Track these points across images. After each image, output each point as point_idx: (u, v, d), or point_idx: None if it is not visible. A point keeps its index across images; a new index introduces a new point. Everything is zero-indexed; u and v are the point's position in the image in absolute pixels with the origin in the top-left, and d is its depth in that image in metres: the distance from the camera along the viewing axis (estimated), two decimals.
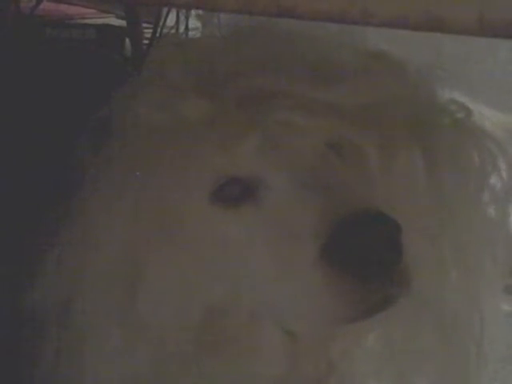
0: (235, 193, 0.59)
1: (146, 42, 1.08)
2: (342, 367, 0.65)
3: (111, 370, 0.61)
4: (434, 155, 0.63)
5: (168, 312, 0.60)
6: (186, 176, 0.59)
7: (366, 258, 0.51)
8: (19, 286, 0.63)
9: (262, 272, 0.58)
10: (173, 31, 1.02)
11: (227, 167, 0.59)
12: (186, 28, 1.09)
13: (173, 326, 0.60)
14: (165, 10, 1.05)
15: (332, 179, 0.57)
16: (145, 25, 1.11)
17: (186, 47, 0.67)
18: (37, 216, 0.62)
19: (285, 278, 0.56)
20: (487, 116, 0.70)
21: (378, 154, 0.60)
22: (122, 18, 1.13)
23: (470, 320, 0.64)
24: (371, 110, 0.59)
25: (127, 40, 1.03)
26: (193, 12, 0.93)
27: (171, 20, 1.10)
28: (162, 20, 1.06)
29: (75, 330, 0.61)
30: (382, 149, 0.60)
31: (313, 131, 0.58)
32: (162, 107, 0.60)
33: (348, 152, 0.60)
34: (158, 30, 1.07)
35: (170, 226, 0.60)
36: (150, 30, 1.10)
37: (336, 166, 0.59)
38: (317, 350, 0.63)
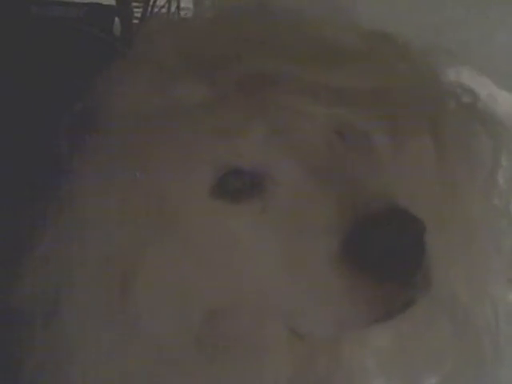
0: (238, 186, 0.55)
1: (136, 21, 1.05)
2: (351, 365, 0.62)
3: (100, 372, 0.57)
4: (444, 142, 0.59)
5: (164, 314, 0.55)
6: (183, 168, 0.55)
7: (390, 258, 0.47)
8: (5, 283, 0.59)
9: (270, 272, 0.53)
10: (164, 10, 0.99)
11: (229, 158, 0.54)
12: (178, 7, 1.06)
13: (170, 328, 0.56)
14: None
15: (347, 170, 0.53)
16: (135, 4, 1.08)
17: (178, 26, 0.63)
18: (22, 211, 0.58)
19: (297, 279, 0.52)
20: (496, 98, 0.67)
21: (387, 142, 0.56)
22: None
23: (482, 314, 0.61)
24: (379, 95, 0.56)
25: (117, 19, 0.99)
26: None
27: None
28: None
29: (62, 331, 0.57)
30: (391, 136, 0.57)
31: (320, 117, 0.55)
32: (152, 91, 0.56)
33: (356, 140, 0.57)
34: (149, 9, 1.04)
35: (166, 223, 0.55)
36: (141, 10, 1.07)
37: (348, 155, 0.55)
38: (325, 350, 0.60)
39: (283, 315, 0.55)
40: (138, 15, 1.06)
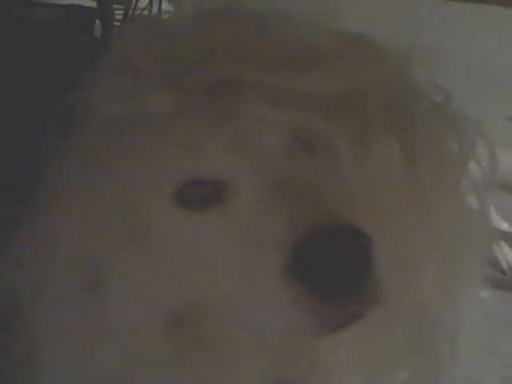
0: (200, 195, 0.56)
1: (117, 23, 1.05)
2: (325, 365, 0.62)
3: (71, 370, 0.58)
4: (412, 145, 0.60)
5: (131, 314, 0.57)
6: (148, 176, 0.56)
7: (333, 274, 0.48)
8: None
9: (228, 279, 0.55)
10: (145, 13, 0.99)
11: (190, 168, 0.55)
12: (159, 10, 1.06)
13: (136, 327, 0.57)
14: None
15: (302, 183, 0.53)
16: (116, 6, 1.08)
17: (153, 29, 0.64)
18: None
19: (250, 288, 0.53)
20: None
21: (350, 148, 0.57)
22: None
23: (443, 316, 0.62)
24: (346, 99, 0.57)
25: (97, 21, 1.00)
26: None
27: (143, 2, 1.07)
28: (134, 1, 1.03)
29: (34, 329, 0.58)
30: (355, 141, 0.57)
31: (282, 125, 0.56)
32: (124, 97, 0.56)
33: (319, 146, 0.58)
34: (130, 11, 1.04)
35: (132, 226, 0.56)
36: (122, 12, 1.07)
37: (307, 164, 0.56)
38: (295, 355, 0.61)
39: (244, 320, 0.56)
40: (120, 17, 1.06)
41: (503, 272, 1.17)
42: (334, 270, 0.48)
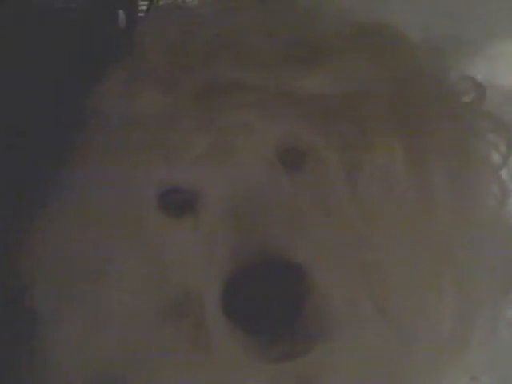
0: (177, 202, 0.57)
1: (141, 14, 1.03)
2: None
3: (73, 356, 0.61)
4: (424, 151, 0.57)
5: (127, 304, 0.59)
6: (136, 177, 0.58)
7: (259, 312, 0.48)
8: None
9: (198, 283, 0.56)
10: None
11: (169, 176, 0.57)
12: (183, 1, 1.04)
13: (132, 316, 0.60)
14: None
15: (267, 205, 0.53)
16: None
17: (171, 20, 0.62)
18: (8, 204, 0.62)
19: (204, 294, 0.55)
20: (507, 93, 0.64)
21: (341, 160, 0.55)
22: None
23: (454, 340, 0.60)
24: (347, 101, 0.55)
25: (121, 12, 0.98)
26: None
27: None
28: None
29: (38, 316, 0.61)
30: (347, 151, 0.55)
31: (268, 135, 0.55)
32: (122, 96, 0.58)
33: (308, 158, 0.57)
34: (155, 1, 1.02)
35: (124, 225, 0.59)
36: (146, 2, 1.05)
37: (283, 184, 0.55)
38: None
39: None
40: (144, 7, 1.04)
41: None
42: (256, 308, 0.47)
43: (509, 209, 0.61)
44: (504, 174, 0.61)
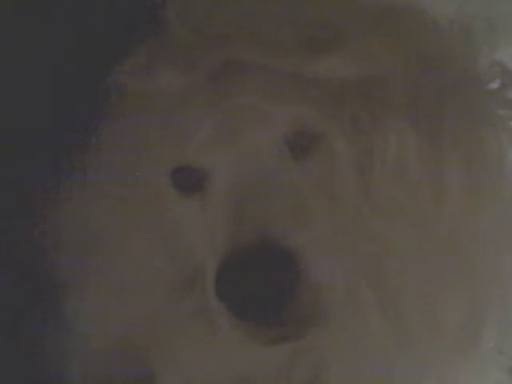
0: (188, 180, 0.59)
1: None
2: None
3: (95, 326, 0.63)
4: (438, 142, 0.55)
5: (140, 278, 0.61)
6: (152, 154, 0.59)
7: (248, 296, 0.49)
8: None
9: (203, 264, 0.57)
10: None
11: (180, 155, 0.59)
12: None
13: (145, 290, 0.61)
14: None
15: (271, 190, 0.53)
16: None
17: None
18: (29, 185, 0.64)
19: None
20: None
21: (350, 144, 0.54)
22: None
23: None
24: (361, 86, 0.53)
25: None
26: None
27: None
28: None
29: (60, 288, 0.63)
30: (357, 137, 0.53)
31: (278, 118, 0.54)
32: (143, 74, 0.58)
33: (317, 144, 0.55)
34: None
35: (138, 202, 0.61)
36: None
37: (290, 169, 0.54)
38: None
39: None
40: None
41: None
42: (250, 291, 0.48)
43: None
44: None
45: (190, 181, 0.59)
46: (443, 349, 0.57)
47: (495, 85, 0.58)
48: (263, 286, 0.49)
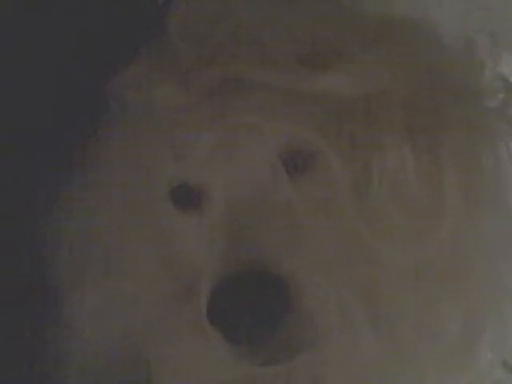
0: (187, 197, 0.59)
1: None
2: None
3: (93, 328, 0.63)
4: (436, 159, 0.55)
5: (140, 287, 0.62)
6: (150, 169, 0.60)
7: (236, 324, 0.50)
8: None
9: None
10: None
11: (178, 173, 0.59)
12: None
13: (145, 297, 0.62)
14: None
15: (264, 210, 0.54)
16: None
17: (198, 8, 0.62)
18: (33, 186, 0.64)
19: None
20: None
21: (347, 161, 0.54)
22: None
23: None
24: (359, 103, 0.53)
25: None
26: None
27: None
28: None
29: (60, 289, 0.64)
30: (355, 154, 0.54)
31: (274, 136, 0.54)
32: (142, 85, 0.58)
33: (315, 163, 0.55)
34: None
35: (137, 209, 0.62)
36: None
37: (285, 187, 0.54)
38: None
39: None
40: None
41: None
42: (240, 317, 0.49)
43: None
44: None
45: (187, 198, 0.60)
46: (440, 361, 0.57)
47: (497, 99, 0.59)
48: (254, 312, 0.49)
